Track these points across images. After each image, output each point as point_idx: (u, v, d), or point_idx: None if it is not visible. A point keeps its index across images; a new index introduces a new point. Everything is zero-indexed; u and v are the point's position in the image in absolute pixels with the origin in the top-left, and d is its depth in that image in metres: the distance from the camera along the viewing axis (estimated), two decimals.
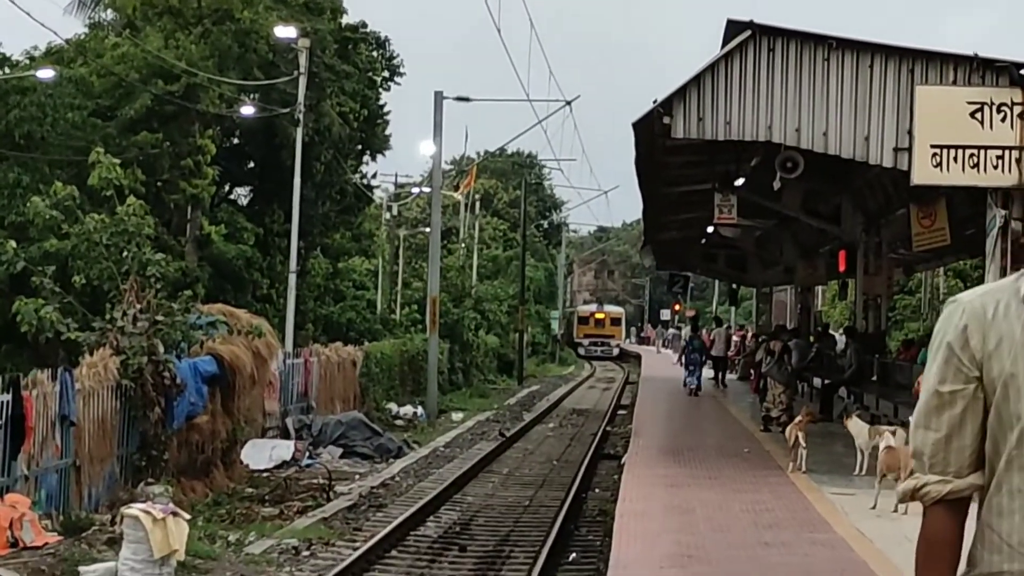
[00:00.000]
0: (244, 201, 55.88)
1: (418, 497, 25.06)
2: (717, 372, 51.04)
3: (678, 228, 47.73)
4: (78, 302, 23.88)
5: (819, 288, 62.08)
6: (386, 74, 59.33)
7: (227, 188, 54.25)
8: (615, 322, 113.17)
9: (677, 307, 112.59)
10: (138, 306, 22.60)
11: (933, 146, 21.47)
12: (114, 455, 22.00)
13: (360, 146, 57.36)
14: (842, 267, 38.57)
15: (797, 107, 22.44)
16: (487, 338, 70.08)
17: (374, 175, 65.41)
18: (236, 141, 52.70)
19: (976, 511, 3.48)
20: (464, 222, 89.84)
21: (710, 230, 45.51)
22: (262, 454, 28.75)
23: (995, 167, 21.26)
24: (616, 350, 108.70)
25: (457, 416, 44.50)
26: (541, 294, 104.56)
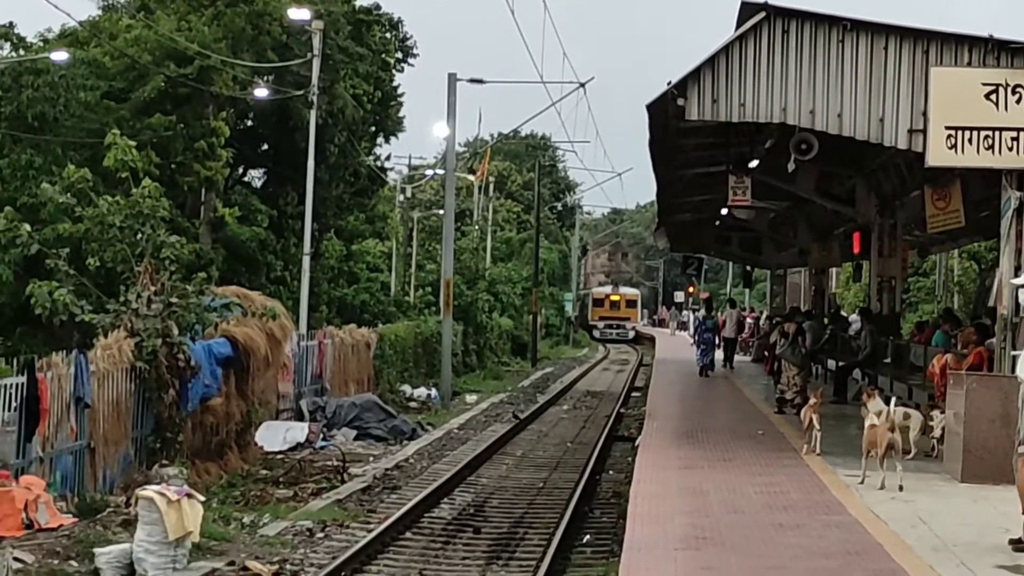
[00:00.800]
0: (258, 183, 55.95)
1: (432, 479, 25.09)
2: (727, 353, 51.10)
3: (692, 210, 47.66)
4: (92, 284, 23.92)
5: (833, 270, 61.94)
6: (399, 56, 59.32)
7: (241, 170, 54.32)
8: (631, 304, 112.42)
9: (691, 289, 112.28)
10: (152, 288, 22.62)
11: (948, 127, 21.41)
12: (129, 437, 22.03)
13: (374, 128, 57.38)
14: (856, 249, 38.47)
15: (811, 89, 22.37)
16: (501, 320, 70.06)
17: (388, 157, 65.54)
18: (250, 123, 52.70)
19: None
20: (478, 204, 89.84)
21: (724, 212, 45.45)
22: (276, 436, 28.79)
23: (1010, 148, 21.19)
24: (632, 332, 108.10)
25: (471, 398, 44.53)
26: (555, 276, 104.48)
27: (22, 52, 43.77)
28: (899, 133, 22.13)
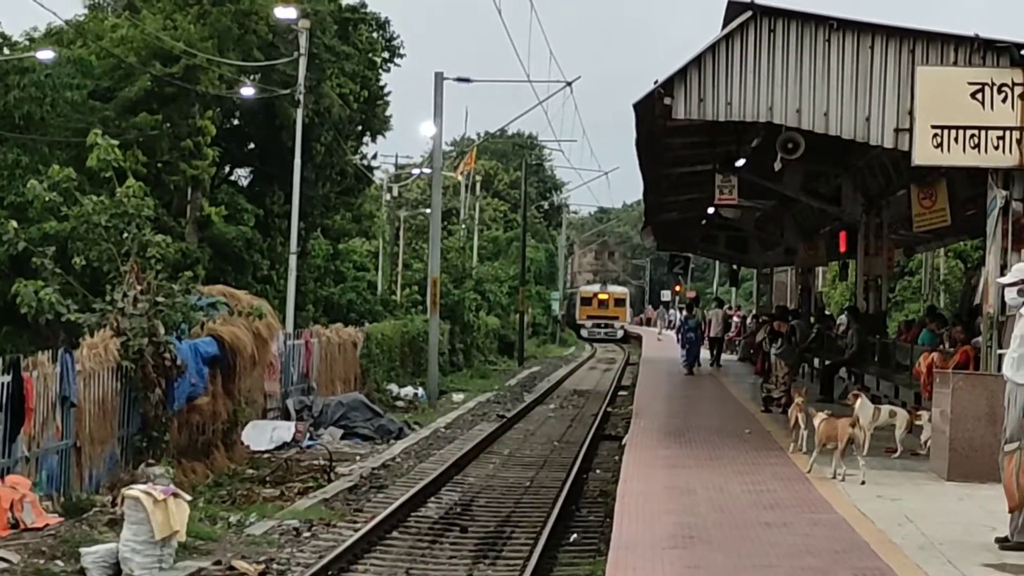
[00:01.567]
0: (244, 182, 55.89)
1: (419, 478, 25.08)
2: (713, 352, 51.20)
3: (679, 209, 47.67)
4: (78, 283, 23.87)
5: (820, 269, 62.00)
6: (386, 55, 59.27)
7: (227, 169, 54.26)
8: (619, 303, 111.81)
9: (678, 288, 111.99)
10: (138, 287, 22.57)
11: (934, 126, 21.43)
12: (115, 436, 21.99)
13: (360, 127, 57.35)
14: (843, 248, 38.54)
15: (798, 88, 22.39)
16: (487, 319, 70.08)
17: (374, 156, 65.45)
18: (236, 122, 52.65)
19: None
20: (464, 203, 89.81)
21: (711, 211, 45.46)
22: (263, 435, 28.77)
23: (996, 147, 21.22)
24: (620, 332, 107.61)
25: (458, 397, 44.52)
26: (541, 275, 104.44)
27: (8, 51, 43.70)
28: (885, 132, 22.15)
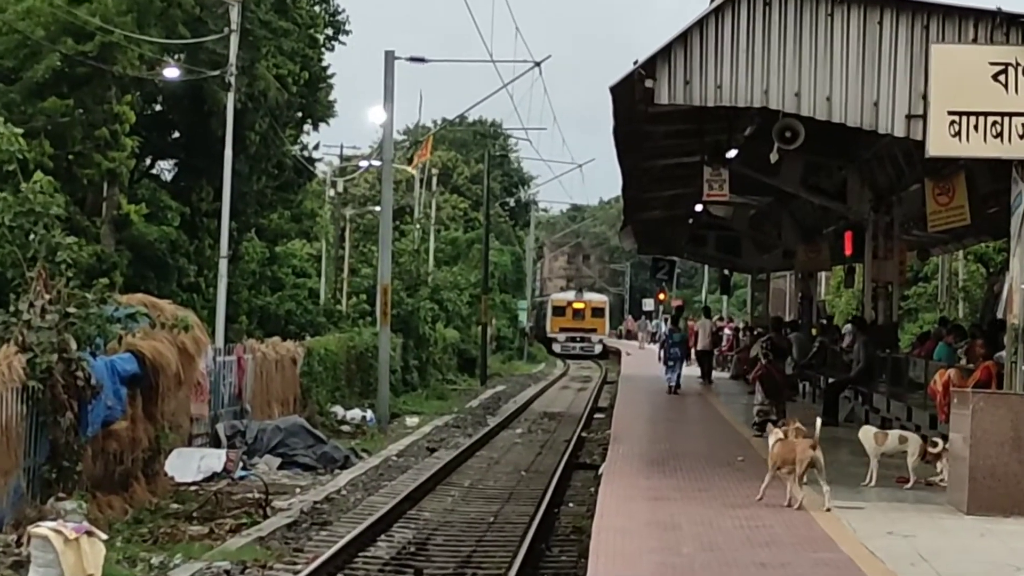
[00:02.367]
0: (168, 177, 55.70)
1: (367, 513, 25.09)
2: (702, 367, 51.32)
3: (662, 206, 47.78)
4: None
5: (822, 274, 62.23)
6: (330, 31, 59.20)
7: (148, 162, 54.04)
8: (597, 313, 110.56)
9: (662, 296, 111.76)
10: (47, 296, 22.50)
11: (951, 113, 21.52)
12: (20, 467, 21.89)
13: (300, 113, 57.22)
14: (848, 250, 38.64)
15: (797, 69, 22.45)
16: (446, 332, 70.17)
17: (316, 146, 65.47)
18: (159, 108, 52.46)
19: None
20: (419, 200, 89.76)
21: (699, 209, 45.51)
22: (189, 465, 28.72)
23: (1021, 136, 21.30)
24: (599, 347, 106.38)
25: (412, 421, 44.58)
26: (507, 282, 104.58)
27: None
28: (896, 119, 22.22)
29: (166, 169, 56.06)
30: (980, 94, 21.41)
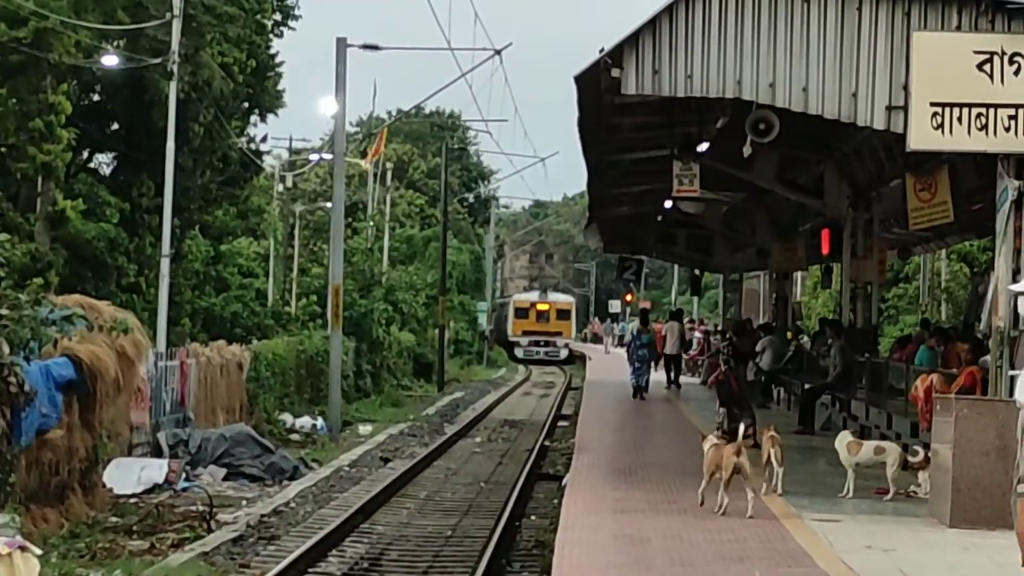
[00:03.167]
0: (107, 171, 55.51)
1: (318, 527, 25.03)
2: (669, 372, 51.43)
3: (630, 203, 47.86)
4: None
5: (798, 274, 62.39)
6: (278, 17, 59.04)
7: (86, 155, 53.87)
8: (562, 315, 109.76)
9: (629, 298, 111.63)
10: None
11: (933, 104, 21.57)
12: None
13: (247, 104, 57.09)
14: (825, 249, 38.75)
15: (771, 58, 22.48)
16: (401, 335, 70.09)
17: (264, 139, 65.00)
18: (97, 98, 52.32)
19: None
20: (373, 195, 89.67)
21: (668, 205, 45.65)
22: (129, 476, 28.62)
23: (1007, 129, 21.35)
24: (564, 351, 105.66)
25: (365, 429, 44.51)
26: (466, 282, 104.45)
27: None
28: (875, 111, 22.28)
29: (104, 163, 55.86)
30: (964, 84, 21.47)
